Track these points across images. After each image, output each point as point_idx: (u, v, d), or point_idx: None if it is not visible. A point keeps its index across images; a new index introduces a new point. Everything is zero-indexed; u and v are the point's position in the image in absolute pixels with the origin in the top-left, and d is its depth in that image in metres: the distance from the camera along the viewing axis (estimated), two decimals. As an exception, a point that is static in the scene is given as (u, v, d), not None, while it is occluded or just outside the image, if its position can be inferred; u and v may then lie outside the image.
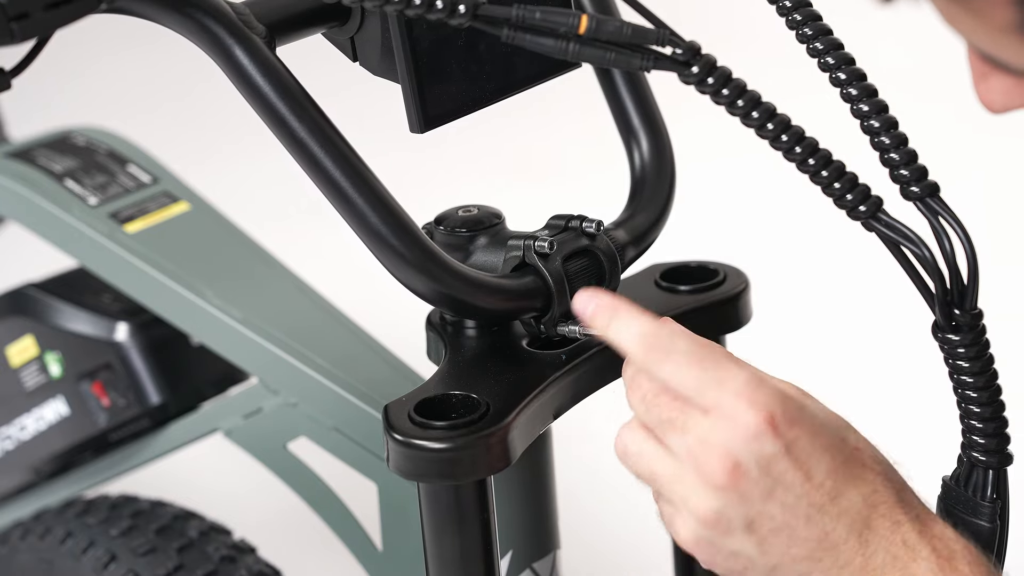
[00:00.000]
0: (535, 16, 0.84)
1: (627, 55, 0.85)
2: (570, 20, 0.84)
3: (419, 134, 0.98)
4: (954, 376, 0.91)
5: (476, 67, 0.99)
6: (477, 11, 0.83)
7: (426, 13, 0.83)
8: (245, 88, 0.93)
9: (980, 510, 0.92)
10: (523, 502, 1.10)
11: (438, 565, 0.97)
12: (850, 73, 0.90)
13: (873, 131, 0.89)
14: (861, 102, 0.89)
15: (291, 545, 1.75)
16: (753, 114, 0.86)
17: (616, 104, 1.11)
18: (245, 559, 1.31)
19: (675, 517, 0.86)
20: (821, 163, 0.88)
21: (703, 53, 0.86)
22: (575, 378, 1.00)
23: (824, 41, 0.91)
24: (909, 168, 0.89)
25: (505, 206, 1.07)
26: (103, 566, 1.29)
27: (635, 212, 1.09)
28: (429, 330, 1.06)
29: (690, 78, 0.86)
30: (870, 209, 0.89)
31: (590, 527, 1.98)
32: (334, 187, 0.94)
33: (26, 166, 1.39)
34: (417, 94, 0.96)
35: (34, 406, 1.42)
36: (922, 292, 0.91)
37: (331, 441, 1.20)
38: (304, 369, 1.20)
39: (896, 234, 0.89)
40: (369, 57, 0.99)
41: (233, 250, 1.36)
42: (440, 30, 0.95)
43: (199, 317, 1.27)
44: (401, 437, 0.93)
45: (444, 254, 0.97)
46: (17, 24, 0.85)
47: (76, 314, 1.40)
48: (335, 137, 0.93)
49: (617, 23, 0.84)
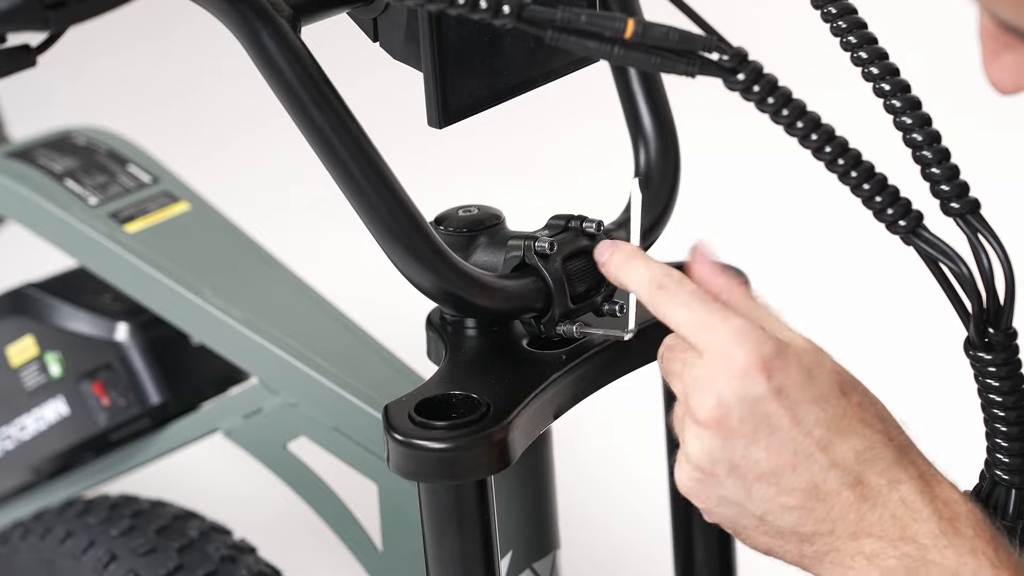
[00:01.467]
0: (580, 19, 0.83)
1: (673, 60, 0.84)
2: (616, 24, 0.83)
3: (437, 129, 0.97)
4: (983, 394, 0.91)
5: (499, 62, 0.98)
6: (522, 12, 0.82)
7: (469, 13, 0.82)
8: (268, 71, 0.92)
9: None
10: (523, 502, 1.10)
11: (438, 565, 0.97)
12: (894, 84, 0.89)
13: (915, 144, 0.89)
14: (905, 115, 0.89)
15: (291, 545, 1.75)
16: (798, 124, 0.86)
17: (628, 101, 1.10)
18: (245, 559, 1.31)
19: (679, 461, 0.86)
20: (864, 175, 0.87)
21: (750, 59, 0.85)
22: (575, 378, 1.00)
23: (868, 51, 0.90)
24: (950, 184, 0.88)
25: (505, 206, 1.07)
26: (103, 566, 1.29)
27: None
28: (429, 330, 1.06)
29: (735, 85, 0.85)
30: (910, 224, 0.88)
31: (590, 527, 1.98)
32: (349, 177, 0.93)
33: (26, 166, 1.39)
34: (440, 88, 0.95)
35: (34, 406, 1.42)
36: (957, 309, 0.90)
37: (331, 441, 1.20)
38: (304, 369, 1.20)
39: (935, 250, 0.88)
40: (391, 41, 0.98)
41: (233, 250, 1.36)
42: (468, 23, 0.94)
43: (199, 317, 1.27)
44: (401, 437, 0.93)
45: (451, 253, 0.97)
46: (53, 12, 0.84)
47: (76, 314, 1.40)
48: (354, 127, 0.93)
49: (664, 28, 0.83)
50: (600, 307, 1.02)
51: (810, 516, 0.84)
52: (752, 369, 0.83)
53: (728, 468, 0.84)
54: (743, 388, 0.83)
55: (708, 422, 0.84)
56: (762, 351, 0.83)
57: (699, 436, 0.84)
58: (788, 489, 0.84)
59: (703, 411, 0.84)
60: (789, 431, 0.83)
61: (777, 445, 0.83)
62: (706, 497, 0.86)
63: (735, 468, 0.84)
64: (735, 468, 0.84)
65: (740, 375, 0.83)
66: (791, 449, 0.83)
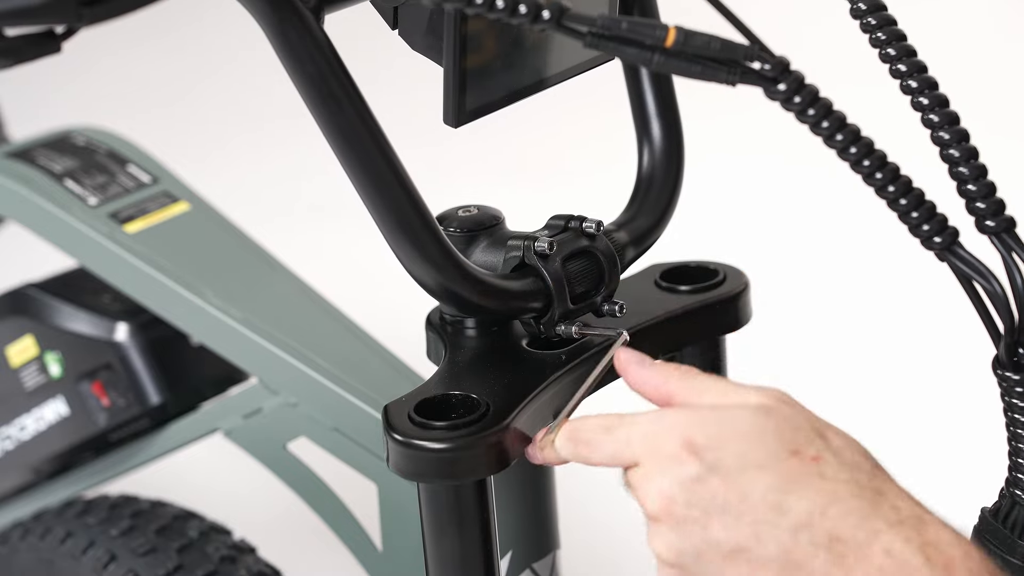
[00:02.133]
0: (621, 27, 0.82)
1: (714, 69, 0.83)
2: (657, 32, 0.82)
3: (453, 128, 0.96)
4: (1008, 413, 0.90)
5: (518, 61, 0.98)
6: (562, 18, 0.81)
7: (508, 17, 0.81)
8: (290, 61, 0.91)
9: (1015, 548, 0.90)
10: (523, 502, 1.10)
11: (438, 565, 0.97)
12: (933, 99, 0.89)
13: (952, 160, 0.88)
14: (942, 130, 0.88)
15: (291, 545, 1.75)
16: (837, 136, 0.85)
17: (638, 100, 1.09)
18: (245, 559, 1.31)
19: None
20: (901, 190, 0.86)
21: (792, 69, 0.84)
22: (575, 378, 1.00)
23: (908, 63, 0.90)
24: (987, 201, 0.87)
25: (505, 206, 1.07)
26: (103, 566, 1.29)
27: (638, 213, 1.08)
28: (429, 330, 1.06)
29: (776, 95, 0.84)
30: (946, 241, 0.87)
31: (590, 527, 1.98)
32: (363, 170, 0.92)
33: (26, 166, 1.39)
34: (459, 87, 0.94)
35: (34, 406, 1.42)
36: (988, 327, 0.89)
37: (331, 441, 1.20)
38: (304, 369, 1.20)
39: (970, 268, 0.88)
40: (412, 31, 0.97)
41: (233, 250, 1.36)
42: (493, 21, 0.94)
43: (199, 317, 1.27)
44: (401, 437, 0.93)
45: (457, 252, 0.97)
46: (88, 9, 0.83)
47: (76, 314, 1.40)
48: (370, 121, 0.92)
49: (705, 37, 0.82)
50: (600, 307, 1.02)
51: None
52: (680, 453, 0.82)
53: (694, 557, 0.82)
54: (677, 474, 0.82)
55: (659, 514, 0.83)
56: (686, 433, 0.82)
57: (657, 532, 0.83)
58: (761, 563, 0.81)
59: (651, 505, 0.83)
60: (738, 505, 0.81)
61: (733, 521, 0.81)
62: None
63: (701, 555, 0.82)
64: (701, 555, 0.82)
65: (670, 462, 0.82)
66: (747, 521, 0.81)
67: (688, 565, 0.83)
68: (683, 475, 0.82)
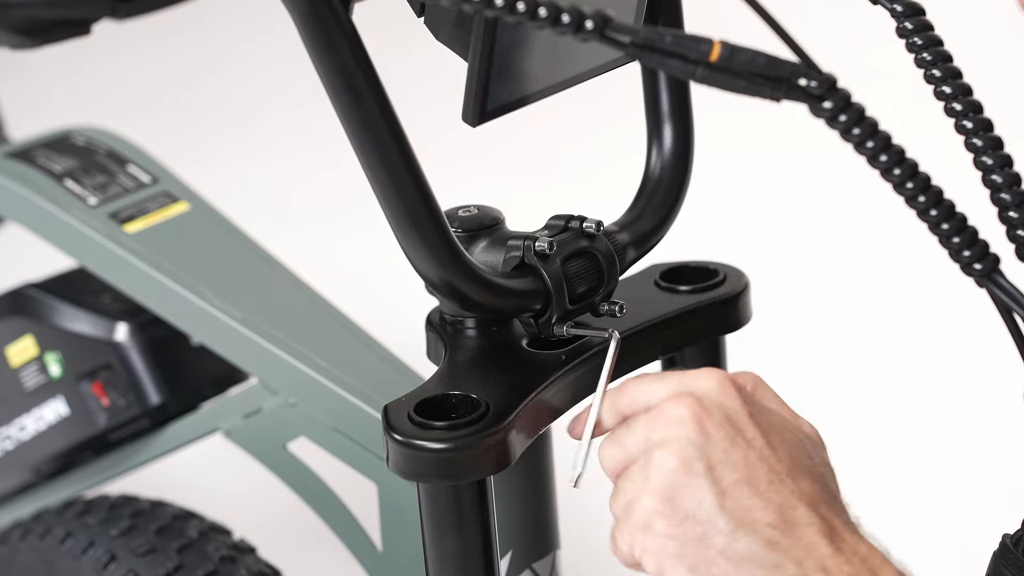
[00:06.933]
0: (665, 40, 0.81)
1: (758, 84, 0.82)
2: (702, 47, 0.81)
3: (472, 127, 0.95)
4: None
5: (541, 61, 0.97)
6: (605, 29, 0.80)
7: (551, 28, 0.80)
8: (316, 50, 0.90)
9: None
10: (523, 502, 1.10)
11: (438, 565, 0.97)
12: (977, 123, 0.88)
13: (995, 186, 0.87)
14: (986, 154, 0.87)
15: (291, 545, 1.75)
16: (882, 157, 0.83)
17: (652, 99, 1.09)
18: (245, 559, 1.31)
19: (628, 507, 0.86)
20: (944, 214, 0.85)
21: (839, 87, 0.83)
22: (575, 378, 1.00)
23: (953, 85, 0.89)
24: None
25: (505, 206, 1.07)
26: (103, 566, 1.29)
27: (641, 214, 1.08)
28: (429, 330, 1.06)
29: (821, 112, 0.83)
30: (986, 268, 0.86)
31: (590, 527, 1.98)
32: (378, 163, 0.91)
33: (26, 166, 1.39)
34: (483, 86, 0.93)
35: (34, 406, 1.42)
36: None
37: (331, 441, 1.20)
38: (304, 369, 1.20)
39: (1009, 298, 0.86)
40: (438, 22, 0.96)
41: (233, 250, 1.36)
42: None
43: (199, 317, 1.27)
44: (401, 437, 0.93)
45: (464, 251, 0.96)
46: (124, 5, 0.83)
47: (76, 314, 1.40)
48: (390, 114, 0.91)
49: (751, 52, 0.81)
50: (599, 307, 1.02)
51: (778, 545, 0.82)
52: (726, 384, 0.84)
53: (706, 467, 0.83)
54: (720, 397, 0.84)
55: (688, 419, 0.83)
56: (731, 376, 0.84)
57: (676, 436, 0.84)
58: (765, 500, 0.82)
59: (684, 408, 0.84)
60: (763, 448, 0.83)
61: (755, 458, 0.83)
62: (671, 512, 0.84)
63: (712, 469, 0.83)
64: (712, 469, 0.83)
65: (717, 386, 0.84)
66: (767, 466, 0.83)
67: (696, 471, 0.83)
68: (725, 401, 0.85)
